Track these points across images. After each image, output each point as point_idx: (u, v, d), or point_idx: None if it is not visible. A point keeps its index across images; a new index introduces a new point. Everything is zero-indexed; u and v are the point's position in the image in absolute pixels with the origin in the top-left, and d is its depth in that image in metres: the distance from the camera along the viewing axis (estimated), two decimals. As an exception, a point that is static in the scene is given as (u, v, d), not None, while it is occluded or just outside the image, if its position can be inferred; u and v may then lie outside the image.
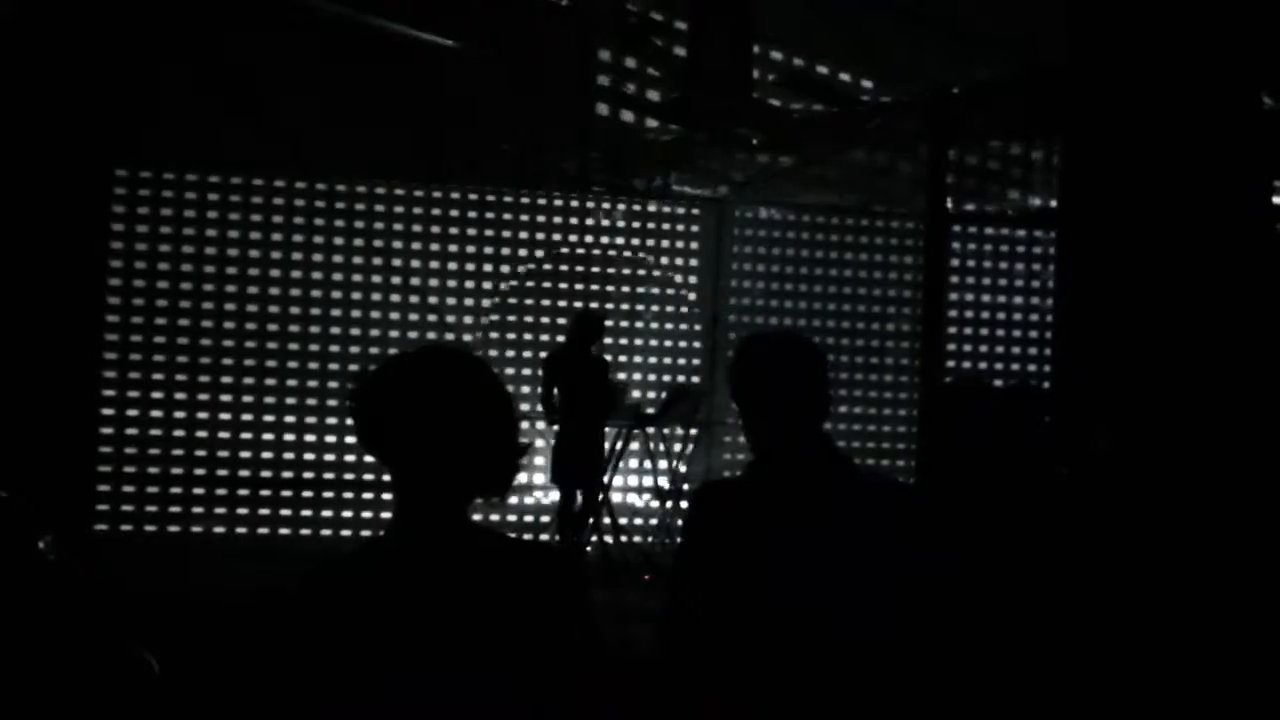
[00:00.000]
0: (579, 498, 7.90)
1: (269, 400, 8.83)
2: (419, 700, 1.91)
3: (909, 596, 2.59)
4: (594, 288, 9.43)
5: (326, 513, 8.88)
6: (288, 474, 8.83)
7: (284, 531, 8.79)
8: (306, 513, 8.85)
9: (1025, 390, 5.12)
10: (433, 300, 9.09)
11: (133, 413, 8.65)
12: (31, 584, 3.60)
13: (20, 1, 7.84)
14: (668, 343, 9.54)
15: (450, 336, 9.04)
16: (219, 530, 8.70)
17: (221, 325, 8.78)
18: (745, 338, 2.86)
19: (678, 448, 8.80)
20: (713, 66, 8.33)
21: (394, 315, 9.02)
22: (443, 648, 1.93)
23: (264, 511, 8.78)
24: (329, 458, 8.84)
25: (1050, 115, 7.43)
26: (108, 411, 8.62)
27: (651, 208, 9.53)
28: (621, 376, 8.80)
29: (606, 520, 8.02)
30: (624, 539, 8.16)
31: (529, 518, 9.08)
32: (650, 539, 8.73)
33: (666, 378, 9.47)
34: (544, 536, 8.42)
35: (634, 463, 9.08)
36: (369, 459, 8.45)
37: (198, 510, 8.69)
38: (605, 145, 9.18)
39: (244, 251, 8.82)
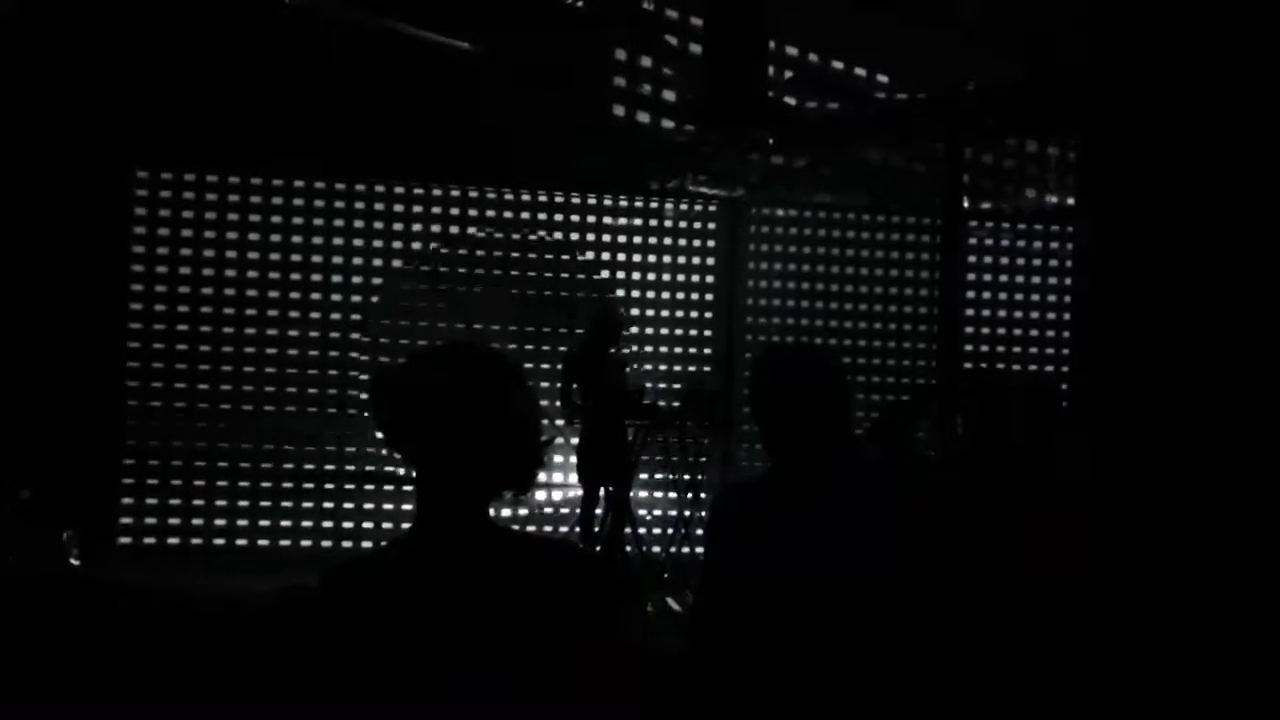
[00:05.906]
0: (602, 497, 7.90)
1: (290, 408, 8.80)
2: (437, 698, 1.91)
3: (908, 578, 2.58)
4: (608, 285, 9.39)
5: (347, 524, 8.84)
6: (309, 485, 8.77)
7: (305, 543, 8.75)
8: (328, 524, 8.81)
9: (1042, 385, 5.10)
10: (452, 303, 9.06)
11: (155, 422, 8.62)
12: (55, 579, 3.64)
13: (20, 1, 7.88)
14: (679, 331, 9.43)
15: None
16: (241, 542, 8.67)
17: (243, 331, 8.74)
18: (762, 351, 2.84)
19: (695, 449, 8.74)
20: (728, 65, 8.30)
21: (423, 322, 8.97)
22: (462, 646, 1.93)
23: (286, 523, 8.74)
24: (349, 468, 8.79)
25: (1066, 112, 7.41)
26: (131, 422, 8.59)
27: (668, 208, 9.49)
28: (632, 370, 8.75)
29: (627, 531, 7.99)
30: (642, 542, 8.14)
31: (549, 510, 9.03)
32: (671, 547, 8.67)
33: (679, 374, 9.41)
34: (564, 529, 8.43)
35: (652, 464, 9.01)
36: (391, 468, 8.59)
37: (220, 522, 8.65)
38: (621, 146, 9.15)
39: (265, 253, 8.79)
